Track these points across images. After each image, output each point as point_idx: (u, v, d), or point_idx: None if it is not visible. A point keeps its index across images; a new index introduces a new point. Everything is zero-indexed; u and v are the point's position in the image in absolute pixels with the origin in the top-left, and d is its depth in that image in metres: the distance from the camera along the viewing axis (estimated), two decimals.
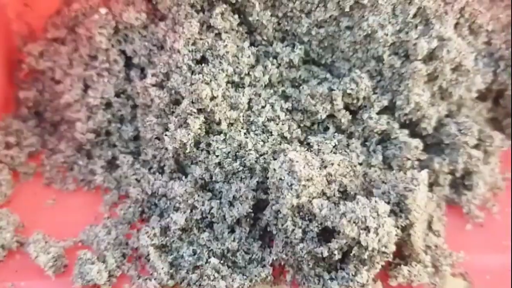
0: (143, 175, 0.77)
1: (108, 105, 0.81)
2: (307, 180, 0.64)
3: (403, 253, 0.68)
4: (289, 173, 0.64)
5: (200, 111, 0.72)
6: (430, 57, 0.74)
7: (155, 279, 0.68)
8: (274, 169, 0.66)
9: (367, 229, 0.60)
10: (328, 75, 0.78)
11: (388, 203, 0.65)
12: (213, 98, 0.71)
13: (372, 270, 0.63)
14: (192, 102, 0.71)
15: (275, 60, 0.76)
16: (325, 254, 0.63)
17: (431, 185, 0.76)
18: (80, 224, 0.76)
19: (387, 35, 0.72)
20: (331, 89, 0.75)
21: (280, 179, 0.65)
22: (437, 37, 0.72)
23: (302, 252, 0.64)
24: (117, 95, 0.81)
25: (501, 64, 0.80)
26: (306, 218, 0.65)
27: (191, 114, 0.71)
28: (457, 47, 0.73)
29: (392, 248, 0.61)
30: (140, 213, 0.76)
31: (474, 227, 0.77)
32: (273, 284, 0.70)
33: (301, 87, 0.77)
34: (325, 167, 0.67)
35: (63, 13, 0.85)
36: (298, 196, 0.63)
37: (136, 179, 0.78)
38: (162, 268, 0.68)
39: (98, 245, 0.72)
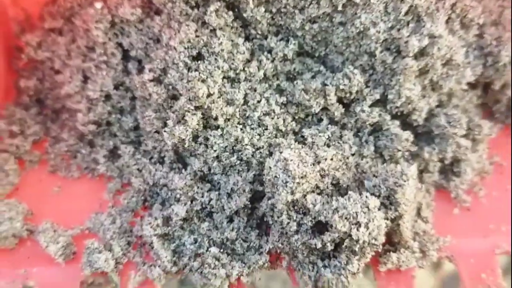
0: (144, 165, 0.80)
1: (108, 97, 0.83)
2: (301, 177, 0.67)
3: (392, 240, 0.72)
4: (284, 171, 0.67)
5: (197, 108, 0.74)
6: (422, 53, 0.74)
7: (159, 266, 0.72)
8: (270, 167, 0.69)
9: (358, 224, 0.64)
10: (322, 68, 0.79)
11: (379, 196, 0.68)
12: (209, 95, 0.73)
13: (362, 260, 0.67)
14: (189, 100, 0.73)
15: (269, 55, 0.77)
16: (319, 245, 0.67)
17: (421, 172, 0.79)
18: (86, 210, 0.80)
19: (379, 32, 0.73)
20: (324, 84, 0.76)
21: (275, 176, 0.68)
22: (428, 35, 0.73)
23: (297, 243, 0.68)
24: (116, 87, 0.82)
25: (489, 59, 0.81)
26: (301, 212, 0.68)
27: (188, 111, 0.73)
28: (448, 44, 0.74)
29: (382, 239, 0.65)
30: (143, 202, 0.80)
31: (461, 211, 0.79)
32: (270, 269, 0.74)
33: (295, 82, 0.78)
34: (319, 162, 0.70)
35: (59, 2, 0.85)
36: (292, 193, 0.66)
37: (138, 169, 0.80)
38: (166, 257, 0.72)
39: (104, 233, 0.76)
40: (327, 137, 0.76)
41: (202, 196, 0.74)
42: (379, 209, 0.66)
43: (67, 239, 0.75)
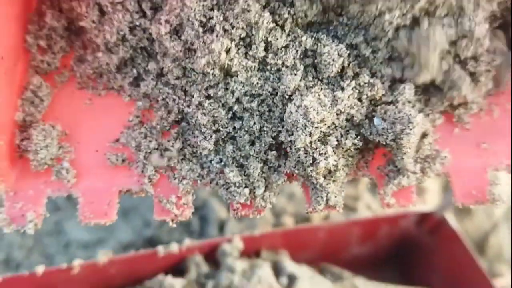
0: (168, 94, 0.84)
1: (124, 39, 0.83)
2: (320, 122, 0.73)
3: (396, 165, 0.80)
4: (304, 117, 0.73)
5: (216, 68, 0.77)
6: None
7: (188, 179, 0.82)
8: (291, 112, 0.75)
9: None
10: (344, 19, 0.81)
11: (387, 138, 0.75)
12: (228, 51, 0.76)
13: None
14: (208, 63, 0.76)
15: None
16: None
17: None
18: (117, 125, 0.86)
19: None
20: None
21: (296, 120, 0.74)
22: None
23: (312, 172, 0.77)
24: (132, 29, 0.82)
25: None
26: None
27: (207, 72, 0.77)
28: None
29: None
30: (171, 125, 0.85)
31: (461, 131, 0.86)
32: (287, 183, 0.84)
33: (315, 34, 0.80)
34: (336, 103, 0.75)
35: None
36: (311, 135, 0.74)
37: (163, 98, 0.85)
38: (193, 171, 0.82)
39: (137, 152, 0.84)
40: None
41: (226, 127, 0.81)
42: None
43: None
